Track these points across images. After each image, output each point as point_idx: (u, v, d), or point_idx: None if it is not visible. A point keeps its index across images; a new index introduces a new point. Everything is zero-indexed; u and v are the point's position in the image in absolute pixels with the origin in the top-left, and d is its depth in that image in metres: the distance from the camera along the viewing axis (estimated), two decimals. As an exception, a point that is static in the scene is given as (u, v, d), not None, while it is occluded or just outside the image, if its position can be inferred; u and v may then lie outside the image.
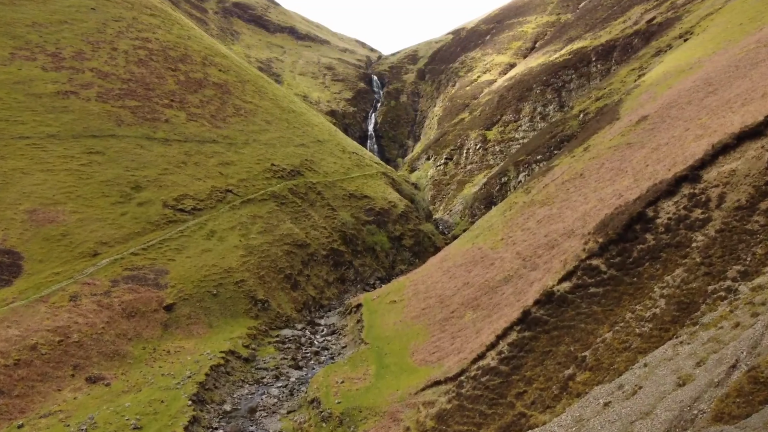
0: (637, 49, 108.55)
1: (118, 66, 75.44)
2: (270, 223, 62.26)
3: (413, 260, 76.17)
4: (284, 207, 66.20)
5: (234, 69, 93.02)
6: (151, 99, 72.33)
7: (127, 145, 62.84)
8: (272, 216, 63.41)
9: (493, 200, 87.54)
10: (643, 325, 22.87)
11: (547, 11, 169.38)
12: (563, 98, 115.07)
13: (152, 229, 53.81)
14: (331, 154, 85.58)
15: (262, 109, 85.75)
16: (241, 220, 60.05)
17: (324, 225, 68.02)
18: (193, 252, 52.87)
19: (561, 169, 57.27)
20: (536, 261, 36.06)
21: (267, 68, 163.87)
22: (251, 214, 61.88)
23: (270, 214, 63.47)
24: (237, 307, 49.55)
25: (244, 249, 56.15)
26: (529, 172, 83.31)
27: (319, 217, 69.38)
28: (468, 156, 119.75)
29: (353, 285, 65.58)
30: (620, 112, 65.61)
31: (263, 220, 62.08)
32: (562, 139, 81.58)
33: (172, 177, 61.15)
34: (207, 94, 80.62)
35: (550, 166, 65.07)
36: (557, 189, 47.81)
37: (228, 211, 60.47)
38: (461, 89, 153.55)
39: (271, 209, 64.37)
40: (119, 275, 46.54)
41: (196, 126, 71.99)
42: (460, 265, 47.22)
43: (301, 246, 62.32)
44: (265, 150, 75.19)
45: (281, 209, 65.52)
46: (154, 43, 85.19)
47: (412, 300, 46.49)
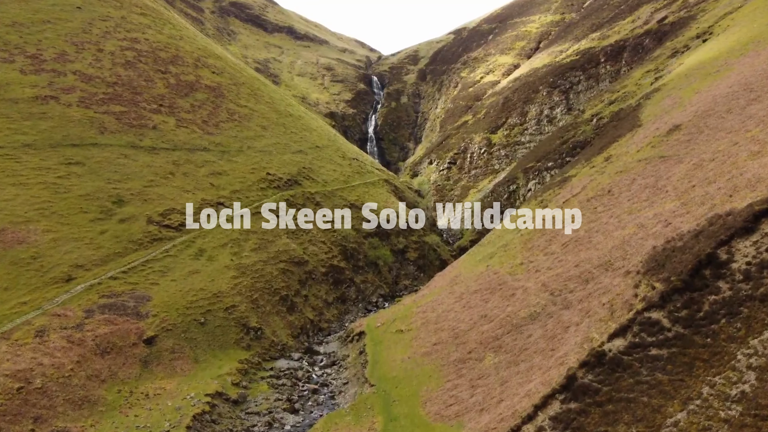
0: (648, 50, 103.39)
1: (103, 68, 70.11)
2: (264, 238, 57.07)
3: (418, 274, 71.19)
4: (280, 221, 60.99)
5: (228, 71, 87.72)
6: (138, 104, 67.03)
7: (110, 154, 57.57)
8: (266, 232, 58.19)
9: (502, 209, 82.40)
10: (730, 407, 17.78)
11: (551, 10, 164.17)
12: (571, 100, 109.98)
13: (134, 248, 48.58)
14: (330, 161, 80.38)
15: (257, 114, 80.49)
16: (233, 237, 54.84)
17: (323, 239, 62.85)
18: (179, 274, 47.66)
19: (581, 181, 52.13)
20: (568, 297, 30.93)
21: (264, 69, 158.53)
22: (244, 229, 56.67)
23: (264, 230, 58.25)
24: (227, 337, 44.36)
25: (236, 269, 50.95)
26: (540, 180, 78.19)
27: (318, 231, 64.22)
28: (472, 160, 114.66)
29: (354, 305, 60.47)
30: (641, 118, 60.48)
31: (257, 235, 56.88)
32: (574, 145, 76.44)
33: (159, 189, 55.91)
34: (199, 97, 75.32)
35: (566, 176, 59.97)
36: (582, 207, 42.66)
37: (218, 227, 55.25)
38: (464, 90, 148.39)
39: (266, 223, 59.13)
40: (95, 303, 41.32)
41: (186, 133, 66.73)
42: (474, 291, 42.06)
43: (298, 263, 57.16)
44: (261, 158, 69.94)
45: (277, 222, 60.30)
46: (143, 43, 79.84)
47: (422, 331, 41.35)
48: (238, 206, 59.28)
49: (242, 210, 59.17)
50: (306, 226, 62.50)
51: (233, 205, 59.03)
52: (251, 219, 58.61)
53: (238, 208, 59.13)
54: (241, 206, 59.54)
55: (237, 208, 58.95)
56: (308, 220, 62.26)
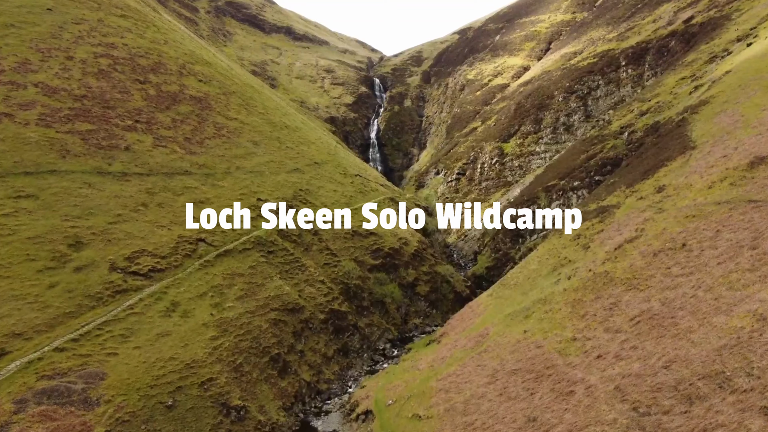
0: (675, 53, 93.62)
1: (71, 79, 60.48)
2: (253, 282, 47.63)
3: (429, 311, 61.82)
4: (272, 257, 51.57)
5: (217, 78, 78.07)
6: (110, 120, 57.46)
7: (71, 183, 48.06)
8: (256, 272, 48.78)
9: (521, 232, 72.94)
10: None
11: (561, 9, 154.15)
12: (590, 107, 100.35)
13: (91, 305, 39.15)
14: (330, 180, 70.85)
15: (248, 127, 70.89)
16: (214, 283, 45.39)
17: (322, 277, 53.41)
18: (145, 338, 38.23)
19: (630, 218, 42.61)
20: (662, 421, 21.50)
21: (261, 71, 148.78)
22: (229, 271, 47.20)
23: (253, 270, 48.83)
24: (201, 423, 34.94)
25: (217, 326, 41.52)
26: (565, 201, 68.64)
27: (316, 267, 54.79)
28: (483, 171, 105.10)
29: (359, 355, 51.09)
30: (692, 138, 50.91)
31: (244, 279, 47.43)
32: (604, 162, 66.86)
33: (127, 226, 46.42)
34: (182, 110, 65.71)
35: (604, 206, 50.49)
36: (647, 264, 33.14)
37: (198, 271, 45.78)
38: (471, 94, 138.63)
39: (255, 262, 49.73)
40: (30, 389, 31.93)
41: (165, 153, 57.17)
42: (512, 371, 32.61)
43: (292, 311, 47.75)
44: (251, 180, 60.42)
45: (268, 261, 50.89)
46: (120, 49, 70.15)
47: (445, 421, 31.93)
48: (222, 242, 49.85)
49: (228, 246, 49.73)
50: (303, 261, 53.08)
51: (216, 242, 49.60)
52: (238, 257, 49.19)
53: (222, 243, 49.71)
54: (225, 242, 50.10)
55: (221, 245, 49.52)
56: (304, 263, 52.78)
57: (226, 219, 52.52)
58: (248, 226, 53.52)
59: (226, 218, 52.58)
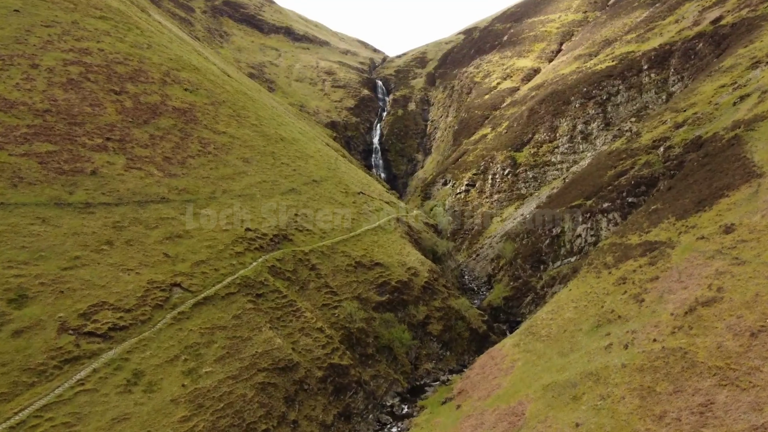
0: (704, 56, 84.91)
1: (33, 91, 52.12)
2: (237, 336, 39.35)
3: (443, 353, 53.67)
4: (261, 302, 43.27)
5: (206, 86, 69.62)
6: (76, 139, 49.10)
7: (20, 219, 39.74)
8: (242, 323, 40.48)
9: (542, 257, 64.55)
10: None
11: (572, 8, 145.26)
12: (609, 114, 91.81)
13: (30, 382, 30.89)
14: (330, 201, 62.49)
15: (239, 142, 62.50)
16: (189, 342, 37.10)
17: (320, 323, 45.10)
18: (96, 425, 29.97)
19: (692, 265, 34.23)
20: None
21: (259, 74, 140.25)
22: (208, 324, 38.91)
23: (238, 320, 40.54)
24: None
25: (189, 402, 33.26)
26: (594, 225, 60.16)
27: (314, 309, 46.51)
28: (494, 183, 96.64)
29: (363, 418, 42.81)
30: (754, 160, 42.59)
31: (226, 333, 39.14)
32: (638, 181, 58.34)
33: (86, 272, 38.11)
34: (162, 125, 57.33)
35: (653, 244, 42.10)
36: (744, 348, 24.76)
37: (170, 327, 37.49)
38: (479, 98, 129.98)
39: (241, 310, 41.41)
40: None
41: (139, 177, 48.82)
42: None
43: (285, 370, 39.47)
44: (239, 206, 52.11)
45: (257, 306, 42.57)
46: (95, 55, 61.71)
47: None
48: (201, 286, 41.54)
49: (208, 292, 41.44)
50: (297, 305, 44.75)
51: (194, 286, 41.26)
52: (220, 305, 40.89)
53: (201, 288, 41.41)
54: (206, 286, 41.80)
55: (199, 289, 41.22)
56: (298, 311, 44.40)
57: (207, 256, 44.21)
58: (234, 263, 45.21)
59: (207, 255, 44.28)
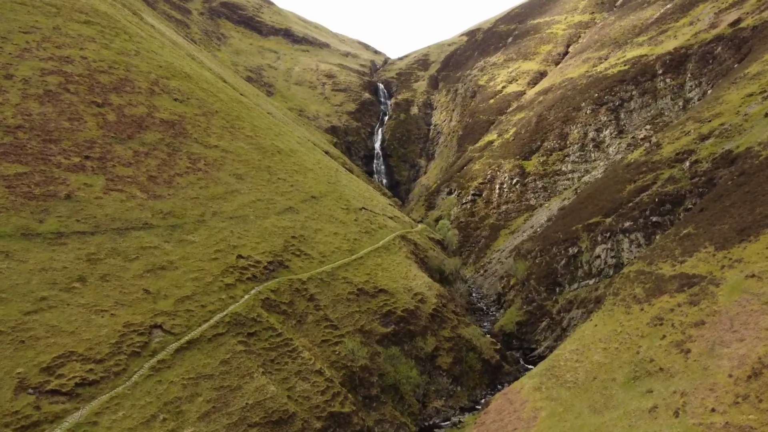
0: (723, 61, 79.81)
1: (5, 104, 47.21)
2: (225, 386, 34.51)
3: (453, 389, 48.90)
4: (253, 342, 38.42)
5: (197, 95, 64.72)
6: (50, 158, 44.23)
7: (-20, 255, 34.95)
8: (230, 369, 35.63)
9: (558, 278, 59.65)
10: None
11: (578, 9, 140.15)
12: (622, 121, 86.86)
13: (-23, 459, 26.16)
14: (330, 219, 57.64)
15: (232, 156, 57.64)
16: (169, 397, 32.26)
17: (319, 365, 40.23)
18: None
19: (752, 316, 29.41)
20: None
21: (258, 77, 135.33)
22: (192, 374, 34.07)
23: (227, 366, 35.69)
24: None
25: (167, 473, 28.47)
26: (614, 245, 55.25)
27: (312, 347, 41.66)
28: (502, 193, 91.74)
29: (367, 473, 38.03)
30: (802, 182, 37.67)
31: (212, 382, 34.31)
32: (662, 199, 53.42)
33: (52, 316, 33.28)
34: (148, 139, 52.46)
35: (691, 278, 37.25)
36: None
37: (147, 379, 32.64)
38: (483, 102, 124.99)
39: (230, 353, 36.56)
40: None
41: (119, 200, 43.94)
42: None
43: (279, 423, 34.65)
44: (231, 230, 47.23)
45: (248, 348, 37.72)
46: (77, 64, 56.82)
47: None
48: (185, 327, 36.70)
49: (193, 333, 36.62)
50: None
51: (176, 328, 36.42)
52: (206, 349, 36.07)
53: (185, 329, 36.58)
54: (191, 327, 36.98)
55: (183, 331, 36.38)
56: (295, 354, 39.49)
57: (193, 290, 39.37)
58: (223, 297, 40.39)
59: (193, 289, 39.44)
